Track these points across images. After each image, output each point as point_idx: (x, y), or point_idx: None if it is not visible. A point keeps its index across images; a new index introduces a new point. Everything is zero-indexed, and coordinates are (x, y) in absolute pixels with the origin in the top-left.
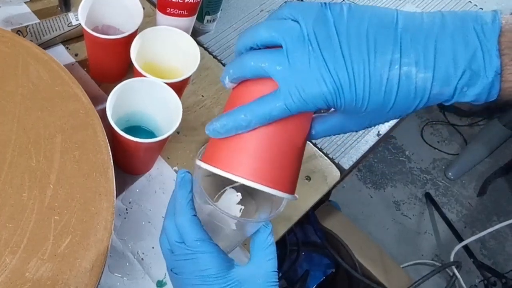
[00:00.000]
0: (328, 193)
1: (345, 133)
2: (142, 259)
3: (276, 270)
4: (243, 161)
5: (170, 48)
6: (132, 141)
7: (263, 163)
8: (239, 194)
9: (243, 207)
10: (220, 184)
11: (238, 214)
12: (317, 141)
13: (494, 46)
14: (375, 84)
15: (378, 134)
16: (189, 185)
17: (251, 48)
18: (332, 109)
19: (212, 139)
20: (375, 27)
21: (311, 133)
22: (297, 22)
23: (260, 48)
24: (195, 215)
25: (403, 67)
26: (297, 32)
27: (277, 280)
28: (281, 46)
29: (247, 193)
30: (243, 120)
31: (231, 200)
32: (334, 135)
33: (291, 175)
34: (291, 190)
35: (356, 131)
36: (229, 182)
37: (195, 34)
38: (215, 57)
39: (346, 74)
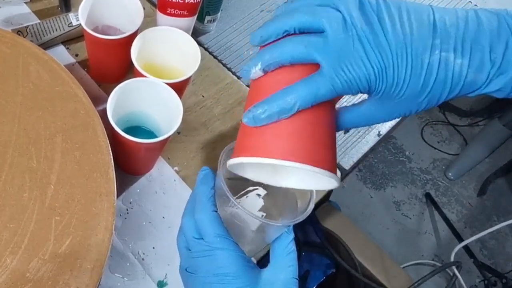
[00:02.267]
0: (328, 193)
1: (371, 124)
2: (143, 259)
3: (297, 277)
4: (281, 144)
5: (171, 48)
6: (133, 141)
7: (303, 142)
8: (261, 199)
9: (265, 214)
10: (241, 189)
11: (256, 226)
12: None
13: None
14: (416, 67)
15: (379, 134)
16: (211, 181)
17: (285, 33)
18: (363, 97)
19: (239, 137)
20: (413, 14)
21: (337, 123)
22: (337, 9)
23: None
24: (216, 211)
25: (442, 53)
26: (339, 17)
27: (296, 286)
28: (319, 32)
29: (270, 200)
30: (288, 103)
31: (253, 206)
32: (360, 126)
33: (333, 154)
34: (335, 170)
35: (384, 121)
36: (250, 186)
37: (196, 34)
38: (215, 57)
39: (390, 56)
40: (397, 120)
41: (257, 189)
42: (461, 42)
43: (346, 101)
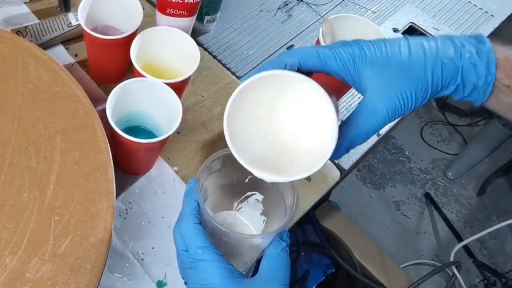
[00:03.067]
0: (328, 193)
1: (379, 123)
2: (142, 259)
3: (287, 284)
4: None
5: (170, 48)
6: (132, 141)
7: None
8: (261, 204)
9: (266, 218)
10: (238, 194)
11: (262, 225)
12: None
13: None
14: None
15: (378, 134)
16: (195, 195)
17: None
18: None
19: None
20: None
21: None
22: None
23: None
24: (198, 223)
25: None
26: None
27: None
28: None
29: (267, 203)
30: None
31: (254, 210)
32: (368, 132)
33: None
34: None
35: (389, 116)
36: (249, 190)
37: (195, 34)
38: (215, 57)
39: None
40: (397, 119)
41: (254, 194)
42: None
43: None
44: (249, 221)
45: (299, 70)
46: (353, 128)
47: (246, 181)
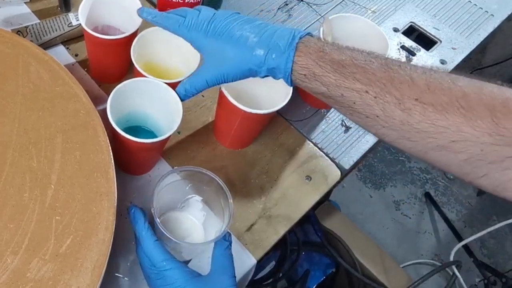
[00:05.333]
0: (328, 193)
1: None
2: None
3: (233, 275)
4: None
5: (170, 48)
6: (133, 141)
7: None
8: (200, 202)
9: (205, 213)
10: (182, 198)
11: (202, 219)
12: (318, 141)
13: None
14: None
15: None
16: (142, 217)
17: None
18: None
19: None
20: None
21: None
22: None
23: None
24: (157, 240)
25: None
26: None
27: (235, 284)
28: None
29: (206, 202)
30: None
31: (196, 207)
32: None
33: None
34: None
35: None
36: (193, 190)
37: None
38: None
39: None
40: None
41: (194, 196)
42: (262, 29)
43: None
44: (193, 216)
45: None
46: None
47: (187, 188)
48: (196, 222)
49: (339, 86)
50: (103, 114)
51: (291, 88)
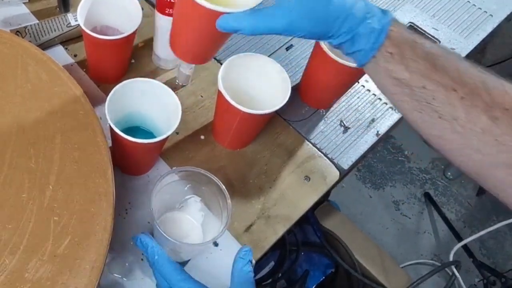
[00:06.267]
0: (328, 193)
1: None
2: (142, 259)
3: None
4: None
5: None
6: (131, 141)
7: None
8: (199, 203)
9: (204, 214)
10: (185, 192)
11: (201, 220)
12: (316, 141)
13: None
14: None
15: (377, 134)
16: (151, 241)
17: None
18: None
19: None
20: None
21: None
22: None
23: None
24: (172, 261)
25: None
26: None
27: None
28: None
29: (205, 203)
30: None
31: (194, 207)
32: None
33: None
34: None
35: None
36: (192, 191)
37: None
38: (214, 57)
39: None
40: (396, 119)
41: (193, 197)
42: None
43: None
44: (191, 216)
45: None
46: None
47: (186, 188)
48: (195, 223)
49: (425, 76)
50: (102, 115)
51: (290, 88)
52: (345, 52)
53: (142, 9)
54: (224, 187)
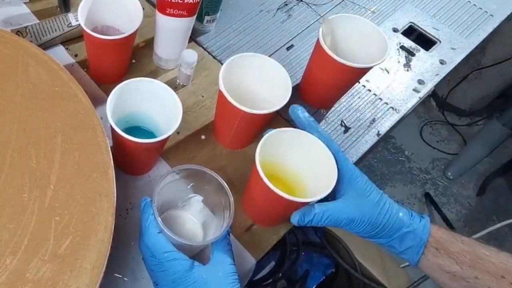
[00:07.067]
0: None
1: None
2: (142, 259)
3: (233, 263)
4: None
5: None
6: (132, 141)
7: None
8: (201, 202)
9: (205, 213)
10: (187, 191)
11: (202, 220)
12: None
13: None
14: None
15: (378, 134)
16: (150, 208)
17: None
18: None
19: None
20: None
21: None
22: None
23: None
24: (159, 232)
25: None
26: None
27: (235, 271)
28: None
29: (207, 203)
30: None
31: (196, 206)
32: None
33: None
34: None
35: (349, 221)
36: (194, 189)
37: (195, 34)
38: (214, 57)
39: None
40: (396, 119)
41: (195, 196)
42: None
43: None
44: (193, 216)
45: None
46: (315, 213)
47: (189, 187)
48: (196, 222)
49: (474, 267)
50: (103, 114)
51: (290, 88)
52: (397, 251)
53: (143, 9)
54: (226, 185)
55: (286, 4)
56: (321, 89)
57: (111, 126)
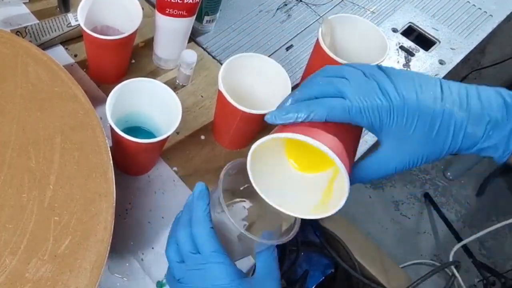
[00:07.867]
0: None
1: (390, 173)
2: (142, 259)
3: (279, 279)
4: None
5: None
6: (132, 141)
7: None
8: (246, 210)
9: (247, 224)
10: (227, 198)
11: (238, 232)
12: None
13: None
14: (423, 110)
15: None
16: (207, 198)
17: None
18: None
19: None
20: (419, 75)
21: (357, 174)
22: (359, 69)
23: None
24: (213, 228)
25: (447, 105)
26: (359, 72)
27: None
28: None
29: (256, 213)
30: (307, 111)
31: (238, 215)
32: (379, 176)
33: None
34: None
35: (400, 169)
36: (237, 196)
37: (194, 34)
38: (214, 57)
39: (397, 96)
40: None
41: (244, 201)
42: (459, 98)
43: None
44: (235, 222)
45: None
46: (362, 171)
47: (241, 188)
48: (234, 230)
49: None
50: (102, 115)
51: (290, 88)
52: (479, 149)
53: (143, 9)
54: None
55: (286, 4)
56: None
57: (110, 126)
